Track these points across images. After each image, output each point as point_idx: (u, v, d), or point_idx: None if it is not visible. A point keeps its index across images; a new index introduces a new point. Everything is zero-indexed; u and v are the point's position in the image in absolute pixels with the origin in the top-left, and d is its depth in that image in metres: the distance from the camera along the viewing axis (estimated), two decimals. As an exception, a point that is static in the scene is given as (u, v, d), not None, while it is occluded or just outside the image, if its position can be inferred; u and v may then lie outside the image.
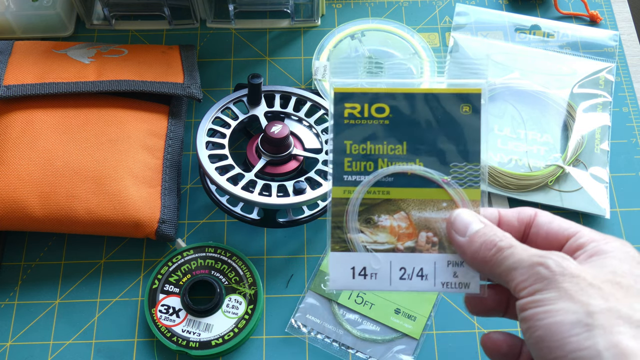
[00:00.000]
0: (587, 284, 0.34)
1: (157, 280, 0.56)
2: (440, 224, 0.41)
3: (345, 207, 0.41)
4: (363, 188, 0.41)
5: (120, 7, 0.71)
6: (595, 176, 0.62)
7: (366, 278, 0.40)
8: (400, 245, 0.41)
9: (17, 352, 0.55)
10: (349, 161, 0.41)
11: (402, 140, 0.41)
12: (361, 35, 0.69)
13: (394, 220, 0.41)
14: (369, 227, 0.41)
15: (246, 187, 0.56)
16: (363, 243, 0.41)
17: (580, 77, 0.66)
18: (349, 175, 0.41)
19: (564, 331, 0.33)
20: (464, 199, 0.41)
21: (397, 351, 0.54)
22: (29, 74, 0.61)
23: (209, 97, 0.67)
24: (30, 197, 0.56)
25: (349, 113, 0.41)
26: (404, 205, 0.41)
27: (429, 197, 0.41)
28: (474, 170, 0.41)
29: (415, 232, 0.41)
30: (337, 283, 0.40)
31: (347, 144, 0.41)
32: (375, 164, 0.41)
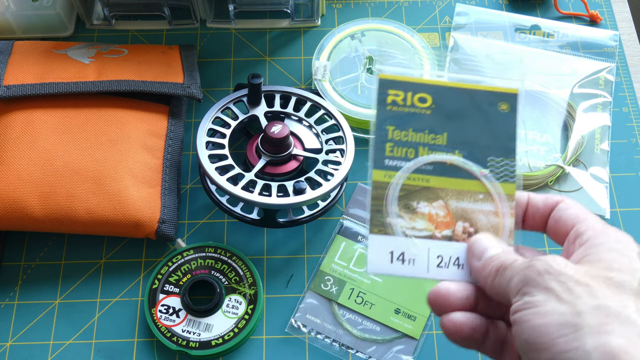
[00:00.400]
0: (574, 282, 0.34)
1: (157, 280, 0.56)
2: (476, 215, 0.41)
3: (386, 191, 0.41)
4: (403, 174, 0.41)
5: (120, 7, 0.71)
6: (595, 176, 0.62)
7: (404, 263, 0.40)
8: (437, 232, 0.41)
9: (17, 352, 0.55)
10: (391, 146, 0.41)
11: (443, 130, 0.42)
12: (361, 35, 0.69)
13: (433, 207, 0.41)
14: (408, 212, 0.41)
15: (246, 187, 0.56)
16: (402, 228, 0.41)
17: (580, 77, 0.66)
18: (390, 160, 0.41)
19: (551, 332, 0.33)
20: (500, 193, 0.41)
21: (397, 351, 0.54)
22: (29, 74, 0.61)
23: (209, 97, 0.67)
24: (30, 197, 0.56)
25: (392, 100, 0.42)
26: (443, 194, 0.41)
27: (467, 188, 0.41)
28: (509, 165, 0.41)
29: (452, 221, 0.41)
30: (375, 267, 0.40)
31: (389, 129, 0.41)
32: (416, 151, 0.41)
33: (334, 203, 0.60)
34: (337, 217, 0.61)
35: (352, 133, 0.60)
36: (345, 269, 0.57)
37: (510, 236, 0.41)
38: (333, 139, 0.61)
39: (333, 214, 0.61)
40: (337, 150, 0.60)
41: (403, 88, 0.42)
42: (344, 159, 0.58)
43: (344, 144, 0.60)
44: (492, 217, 0.41)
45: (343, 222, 0.60)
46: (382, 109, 0.42)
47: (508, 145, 0.42)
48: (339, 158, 0.59)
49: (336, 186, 0.57)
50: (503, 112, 0.42)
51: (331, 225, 0.61)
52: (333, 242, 0.59)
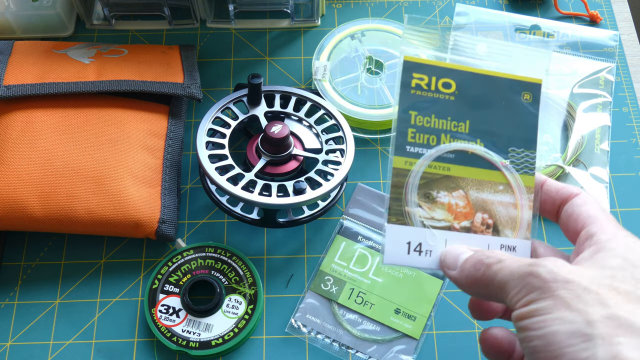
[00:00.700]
0: (582, 289, 0.33)
1: (157, 280, 0.56)
2: (496, 207, 0.40)
3: (406, 179, 0.40)
4: (425, 161, 0.40)
5: (120, 7, 0.71)
6: (595, 176, 0.62)
7: (421, 255, 0.39)
8: (456, 224, 0.40)
9: (17, 352, 0.55)
10: (413, 132, 0.40)
11: (466, 118, 0.41)
12: (361, 35, 0.69)
13: (452, 197, 0.40)
14: (427, 202, 0.40)
15: (246, 187, 0.56)
16: (420, 218, 0.40)
17: (580, 77, 0.66)
18: (411, 147, 0.40)
19: (561, 341, 0.32)
20: (520, 184, 0.41)
21: (397, 351, 0.54)
22: (29, 74, 0.61)
23: (209, 97, 0.67)
24: (30, 197, 0.56)
25: (416, 84, 0.41)
26: (463, 183, 0.40)
27: (487, 178, 0.41)
28: (530, 157, 0.41)
29: (472, 212, 0.40)
30: (392, 258, 0.39)
31: (412, 114, 0.41)
32: (438, 139, 0.41)
33: (334, 203, 0.60)
34: (337, 217, 0.61)
35: (352, 133, 0.60)
36: (345, 269, 0.57)
37: (528, 229, 0.40)
38: (333, 139, 0.61)
39: (333, 214, 0.61)
40: (337, 150, 0.60)
41: (427, 72, 0.41)
42: (344, 159, 0.58)
43: (344, 144, 0.60)
44: (511, 209, 0.40)
45: (343, 222, 0.60)
46: (406, 93, 0.41)
47: (529, 136, 0.41)
48: (339, 158, 0.59)
49: (336, 186, 0.57)
50: (526, 103, 0.41)
51: (331, 225, 0.61)
52: (333, 242, 0.59)
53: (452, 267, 0.39)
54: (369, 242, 0.59)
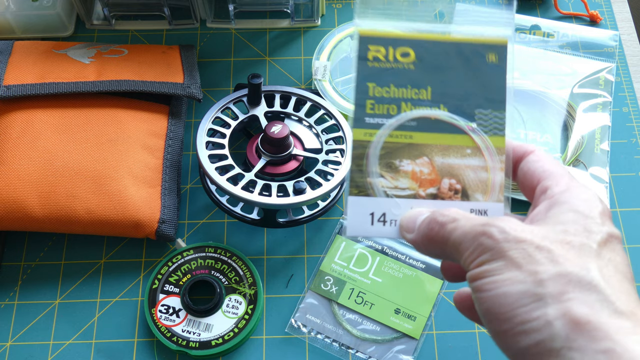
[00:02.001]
0: (534, 248, 0.33)
1: (157, 280, 0.56)
2: (463, 171, 0.39)
3: (366, 150, 0.39)
4: (385, 131, 0.39)
5: (120, 7, 0.71)
6: (595, 176, 0.62)
7: (385, 225, 0.39)
8: (422, 191, 0.39)
9: (17, 352, 0.55)
10: (372, 103, 0.40)
11: (427, 85, 0.40)
12: (361, 35, 0.69)
13: (416, 165, 0.39)
14: (390, 171, 0.39)
15: (246, 187, 0.56)
16: (383, 188, 0.39)
17: (580, 77, 0.66)
18: (371, 118, 0.39)
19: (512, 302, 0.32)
20: (489, 146, 0.39)
21: (397, 351, 0.54)
22: (29, 74, 0.61)
23: (209, 97, 0.67)
24: (30, 197, 0.56)
25: (373, 56, 0.40)
26: (427, 150, 0.39)
27: (453, 143, 0.39)
28: (498, 117, 0.39)
29: (438, 178, 0.39)
30: (355, 229, 0.39)
31: (370, 86, 0.40)
32: (398, 108, 0.39)
33: (334, 203, 0.60)
34: (337, 217, 0.61)
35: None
36: (345, 269, 0.57)
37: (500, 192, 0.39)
38: (333, 139, 0.61)
39: (333, 214, 0.61)
40: (337, 150, 0.60)
41: (384, 43, 0.40)
42: (344, 159, 0.58)
43: (344, 144, 0.60)
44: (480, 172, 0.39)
45: (343, 222, 0.60)
46: (362, 66, 0.40)
47: (497, 97, 0.39)
48: (339, 158, 0.59)
49: (336, 186, 0.57)
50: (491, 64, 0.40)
51: (331, 225, 0.61)
52: (333, 242, 0.59)
53: (410, 231, 0.38)
54: (369, 242, 0.59)
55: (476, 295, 0.34)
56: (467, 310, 0.41)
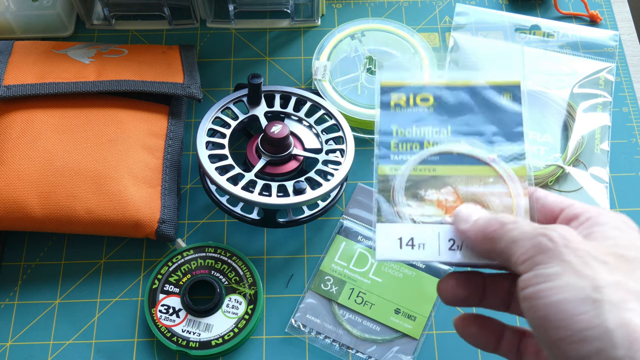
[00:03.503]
0: (591, 258, 0.32)
1: (157, 280, 0.56)
2: (487, 197, 0.41)
3: (392, 183, 0.41)
4: (409, 165, 0.42)
5: (120, 7, 0.71)
6: (595, 176, 0.62)
7: (414, 248, 0.40)
8: (448, 217, 0.41)
9: (17, 352, 0.55)
10: (395, 143, 0.42)
11: (447, 124, 0.42)
12: (361, 35, 0.69)
13: (441, 194, 0.41)
14: (416, 200, 0.41)
15: (246, 187, 0.56)
16: (410, 216, 0.41)
17: (580, 77, 0.66)
18: (395, 155, 0.42)
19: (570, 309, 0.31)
20: (511, 174, 0.41)
21: (397, 351, 0.54)
22: (29, 74, 0.61)
23: (209, 97, 0.67)
24: (30, 197, 0.56)
25: (395, 103, 0.43)
26: (451, 180, 0.41)
27: (475, 173, 0.41)
28: (518, 149, 0.42)
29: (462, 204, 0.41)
30: (384, 253, 0.40)
31: (393, 127, 0.43)
32: (421, 145, 0.42)
33: (334, 203, 0.60)
34: (337, 217, 0.61)
35: (352, 133, 0.60)
36: (345, 269, 0.57)
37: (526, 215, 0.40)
38: (333, 139, 0.61)
39: (333, 214, 0.61)
40: (337, 150, 0.60)
41: (405, 91, 0.43)
42: (344, 159, 0.58)
43: (344, 144, 0.60)
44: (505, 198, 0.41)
45: (343, 222, 0.60)
46: (385, 112, 0.43)
47: (515, 130, 0.42)
48: (339, 158, 0.59)
49: (336, 186, 0.57)
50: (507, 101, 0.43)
51: (331, 225, 0.61)
52: (333, 242, 0.59)
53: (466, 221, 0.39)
54: (369, 242, 0.59)
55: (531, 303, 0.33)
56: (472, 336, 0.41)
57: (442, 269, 0.57)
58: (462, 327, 0.41)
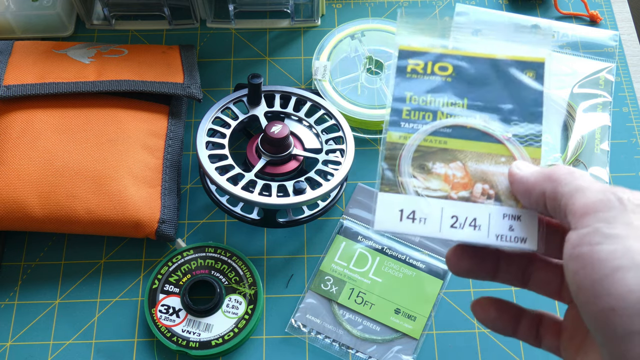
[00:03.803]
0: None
1: (157, 280, 0.56)
2: (498, 177, 0.39)
3: (400, 152, 0.40)
4: (420, 135, 0.40)
5: (120, 7, 0.71)
6: (595, 176, 0.62)
7: (414, 222, 0.39)
8: (453, 194, 0.39)
9: (17, 352, 0.55)
10: (408, 110, 0.41)
11: (464, 97, 0.41)
12: (361, 35, 0.69)
13: (449, 169, 0.40)
14: (422, 172, 0.40)
15: (246, 187, 0.56)
16: (415, 188, 0.39)
17: (580, 77, 0.66)
18: (406, 123, 0.40)
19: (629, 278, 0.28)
20: (525, 156, 0.39)
21: (397, 351, 0.54)
22: (29, 74, 0.61)
23: (209, 97, 0.67)
24: (30, 197, 0.56)
25: (411, 68, 0.41)
26: (461, 156, 0.40)
27: (488, 151, 0.40)
28: (535, 130, 0.40)
29: (471, 182, 0.39)
30: (383, 224, 0.39)
31: (407, 94, 0.41)
32: (434, 116, 0.40)
33: (334, 203, 0.60)
34: (337, 217, 0.61)
35: (352, 133, 0.60)
36: (345, 269, 0.57)
37: None
38: (333, 139, 0.61)
39: (333, 214, 0.61)
40: (337, 150, 0.60)
41: (423, 58, 0.41)
42: (344, 159, 0.58)
43: (344, 144, 0.60)
44: None
45: (343, 222, 0.60)
46: (401, 77, 0.41)
47: (534, 109, 0.40)
48: (339, 158, 0.59)
49: (336, 186, 0.57)
50: (529, 79, 0.41)
51: (331, 225, 0.61)
52: (333, 242, 0.59)
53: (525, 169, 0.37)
54: (369, 242, 0.59)
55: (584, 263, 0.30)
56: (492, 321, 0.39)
57: (443, 268, 0.57)
58: (481, 312, 0.40)
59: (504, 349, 0.55)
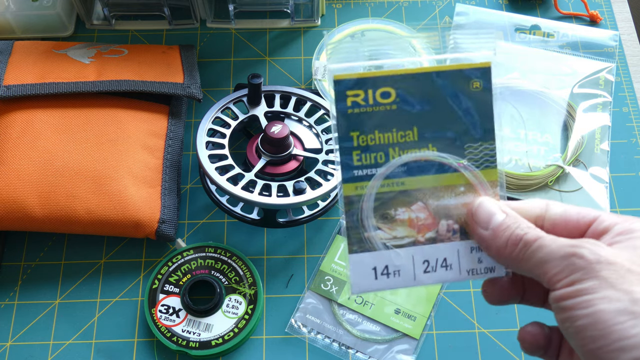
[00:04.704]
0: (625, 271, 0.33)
1: (157, 280, 0.56)
2: (460, 210, 0.39)
3: (359, 205, 0.38)
4: (376, 182, 0.38)
5: (120, 7, 0.71)
6: (595, 176, 0.62)
7: (389, 277, 0.38)
8: (420, 237, 0.39)
9: (17, 352, 0.55)
10: (358, 154, 0.38)
11: (412, 125, 0.38)
12: (361, 35, 0.69)
13: (412, 212, 0.39)
14: (386, 222, 0.39)
15: (246, 187, 0.56)
16: (382, 240, 0.38)
17: (580, 77, 0.66)
18: (359, 170, 0.38)
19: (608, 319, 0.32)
20: (482, 181, 0.39)
21: (397, 351, 0.54)
22: (29, 74, 0.61)
23: (209, 97, 0.67)
24: (30, 197, 0.56)
25: (352, 102, 0.38)
26: (420, 195, 0.39)
27: (446, 183, 0.39)
28: (489, 149, 0.39)
29: (434, 221, 0.39)
30: (360, 286, 0.38)
31: (353, 135, 0.38)
32: (386, 155, 0.38)
33: (334, 203, 0.60)
34: (337, 217, 0.61)
35: (352, 133, 0.60)
36: (345, 269, 0.57)
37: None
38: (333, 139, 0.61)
39: (333, 214, 0.61)
40: (337, 150, 0.60)
41: (361, 86, 0.38)
42: (344, 159, 0.58)
43: (344, 144, 0.60)
44: None
45: (343, 223, 0.60)
46: (342, 115, 0.38)
47: (485, 126, 0.39)
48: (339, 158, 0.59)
49: (336, 186, 0.57)
50: (476, 91, 0.39)
51: (331, 225, 0.61)
52: (333, 242, 0.59)
53: (484, 226, 0.38)
54: (369, 242, 0.59)
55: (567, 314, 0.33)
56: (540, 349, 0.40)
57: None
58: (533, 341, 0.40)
59: (504, 349, 0.55)
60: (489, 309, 0.57)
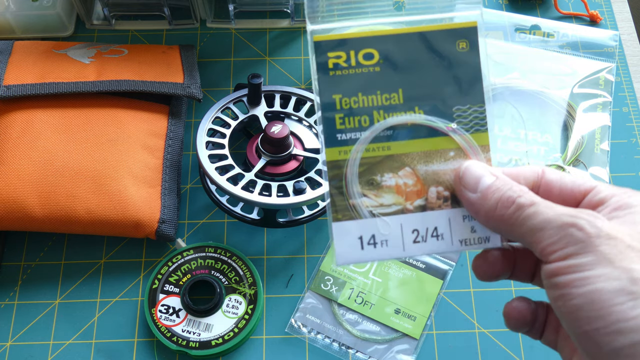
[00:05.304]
0: (625, 247, 0.31)
1: (157, 280, 0.56)
2: (450, 176, 0.37)
3: (343, 170, 0.36)
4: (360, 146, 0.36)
5: (120, 7, 0.71)
6: (595, 176, 0.62)
7: (376, 247, 0.36)
8: (409, 204, 0.36)
9: (17, 352, 0.55)
10: (341, 117, 0.36)
11: (397, 87, 0.36)
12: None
13: (399, 178, 0.37)
14: (372, 189, 0.36)
15: (246, 187, 0.56)
16: (368, 208, 0.36)
17: (580, 77, 0.66)
18: (342, 134, 0.36)
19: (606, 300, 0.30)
20: (473, 145, 0.37)
21: (397, 351, 0.54)
22: (29, 74, 0.61)
23: (209, 97, 0.67)
24: (30, 197, 0.56)
25: (334, 63, 0.36)
26: (408, 160, 0.37)
27: (435, 147, 0.37)
28: (479, 112, 0.37)
29: (424, 188, 0.37)
30: (345, 257, 0.36)
31: (336, 98, 0.36)
32: (370, 118, 0.36)
33: (334, 203, 0.60)
34: (337, 217, 0.61)
35: (352, 133, 0.60)
36: (345, 268, 0.57)
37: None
38: (333, 139, 0.61)
39: (333, 214, 0.61)
40: (337, 150, 0.60)
41: (343, 47, 0.36)
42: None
43: (344, 144, 0.60)
44: None
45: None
46: (324, 78, 0.36)
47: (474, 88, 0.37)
48: (339, 158, 0.59)
49: (336, 186, 0.57)
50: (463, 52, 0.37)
51: (331, 225, 0.61)
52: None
53: (472, 189, 0.35)
54: (369, 242, 0.59)
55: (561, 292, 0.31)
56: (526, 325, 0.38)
57: (442, 268, 0.57)
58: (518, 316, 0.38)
59: (504, 349, 0.55)
60: (489, 309, 0.57)
